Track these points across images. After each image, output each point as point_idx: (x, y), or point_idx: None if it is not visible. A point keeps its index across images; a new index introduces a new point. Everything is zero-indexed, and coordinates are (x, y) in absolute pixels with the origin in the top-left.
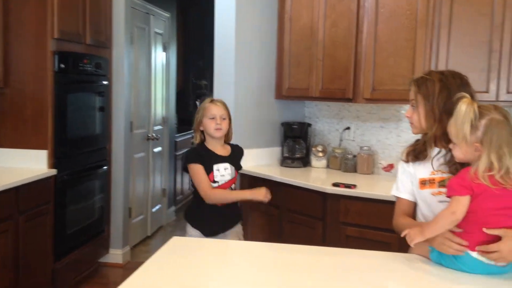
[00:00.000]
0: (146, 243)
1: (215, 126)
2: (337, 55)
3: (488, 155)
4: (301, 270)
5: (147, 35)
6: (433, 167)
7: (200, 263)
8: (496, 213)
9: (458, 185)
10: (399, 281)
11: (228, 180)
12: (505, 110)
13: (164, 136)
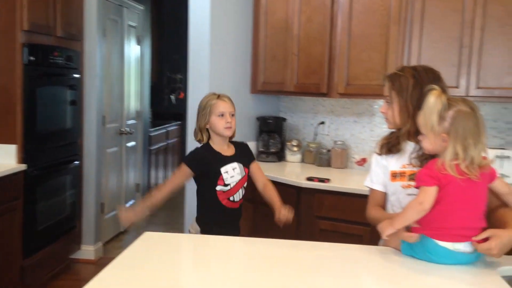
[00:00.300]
0: (119, 239)
1: (225, 124)
2: (312, 50)
3: (454, 145)
4: (275, 264)
5: (120, 28)
6: (411, 162)
7: (172, 258)
8: (462, 203)
9: (426, 176)
10: (372, 273)
11: (239, 180)
12: (473, 103)
13: (138, 130)
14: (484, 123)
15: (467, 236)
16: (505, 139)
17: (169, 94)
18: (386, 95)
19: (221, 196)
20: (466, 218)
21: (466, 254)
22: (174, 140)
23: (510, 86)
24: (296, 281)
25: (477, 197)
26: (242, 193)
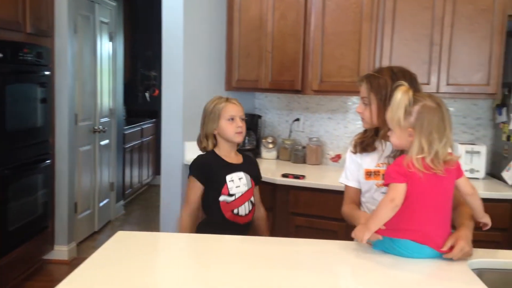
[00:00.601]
0: (93, 239)
1: (235, 129)
2: (286, 47)
3: (420, 140)
4: (251, 261)
5: (92, 24)
6: (388, 161)
7: (146, 257)
8: (429, 199)
9: (395, 172)
10: (345, 268)
11: (246, 191)
12: (439, 98)
13: (112, 128)
14: (450, 119)
15: (432, 239)
16: (474, 134)
17: (143, 92)
18: (363, 96)
19: (224, 207)
20: (431, 220)
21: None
22: (149, 138)
23: (479, 83)
24: (271, 277)
25: (444, 193)
26: (249, 208)
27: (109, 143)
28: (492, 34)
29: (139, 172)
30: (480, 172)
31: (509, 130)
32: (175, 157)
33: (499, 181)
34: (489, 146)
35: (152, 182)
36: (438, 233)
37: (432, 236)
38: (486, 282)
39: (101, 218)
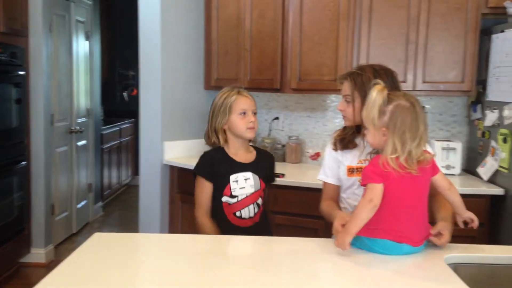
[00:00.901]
0: (71, 241)
1: (247, 124)
2: (264, 45)
3: (393, 139)
4: (231, 260)
5: (68, 23)
6: (370, 158)
7: (123, 259)
8: (405, 198)
9: (372, 172)
10: (324, 266)
11: (251, 193)
12: (414, 98)
13: (89, 128)
14: (425, 118)
15: (409, 237)
16: (450, 131)
17: (121, 91)
18: (346, 94)
19: (226, 209)
20: (408, 219)
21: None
22: (127, 138)
23: (454, 81)
24: (251, 275)
25: (419, 192)
26: (255, 211)
27: (86, 143)
28: (466, 32)
29: (118, 173)
30: (456, 168)
31: (484, 126)
32: (154, 157)
33: (474, 177)
34: (464, 142)
35: (131, 182)
36: (415, 231)
37: (409, 235)
38: (462, 277)
39: (79, 220)
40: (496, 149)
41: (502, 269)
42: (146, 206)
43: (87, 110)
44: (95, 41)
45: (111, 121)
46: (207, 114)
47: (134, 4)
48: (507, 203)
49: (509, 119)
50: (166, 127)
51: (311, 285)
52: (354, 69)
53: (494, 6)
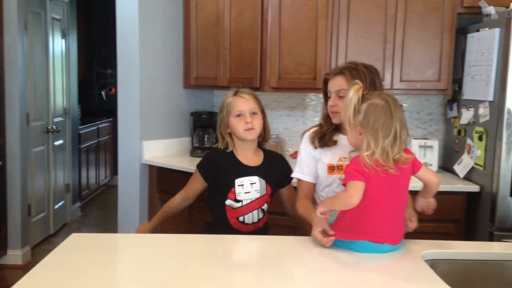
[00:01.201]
0: (49, 242)
1: (244, 125)
2: (243, 44)
3: (367, 137)
4: (210, 260)
5: (44, 21)
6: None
7: (100, 260)
8: (385, 200)
9: (354, 171)
10: (301, 264)
11: (256, 198)
12: (391, 97)
13: (66, 128)
14: (401, 116)
15: (389, 237)
16: (427, 129)
17: (99, 90)
18: (342, 88)
19: (230, 213)
20: (388, 219)
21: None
22: (105, 137)
23: (430, 79)
24: (230, 275)
25: (399, 193)
26: (259, 217)
27: (63, 143)
28: (443, 31)
29: (96, 173)
30: (433, 166)
31: (460, 124)
32: (132, 157)
33: (451, 174)
34: (441, 140)
35: (110, 182)
36: (394, 231)
37: (388, 235)
38: (438, 273)
39: (56, 221)
40: (472, 147)
41: (478, 264)
42: (125, 206)
43: (64, 109)
44: (72, 39)
45: (89, 120)
46: (186, 113)
47: (112, 1)
48: (482, 200)
49: (484, 117)
50: (144, 126)
51: (289, 284)
52: (346, 64)
53: (469, 6)
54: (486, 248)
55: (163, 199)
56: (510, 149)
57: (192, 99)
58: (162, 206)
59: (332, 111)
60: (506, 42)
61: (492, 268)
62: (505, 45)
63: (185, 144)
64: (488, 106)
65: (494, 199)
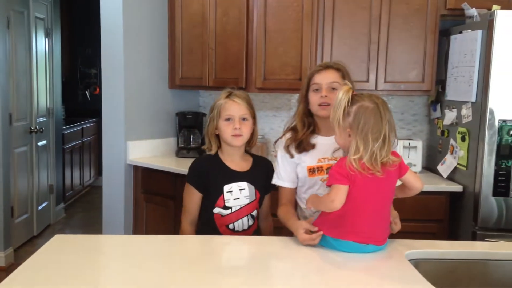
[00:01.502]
0: (32, 244)
1: (231, 131)
2: (229, 44)
3: (356, 140)
4: (195, 261)
5: (27, 20)
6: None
7: (85, 261)
8: (370, 201)
9: (338, 174)
10: (284, 266)
11: (246, 205)
12: (380, 99)
13: (50, 128)
14: (390, 120)
15: (374, 238)
16: (411, 130)
17: (83, 90)
18: (334, 80)
19: (218, 221)
20: (372, 220)
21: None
22: (90, 138)
23: (414, 80)
24: (215, 277)
25: (384, 194)
26: (249, 223)
27: (47, 143)
28: (426, 33)
29: (81, 173)
30: (417, 166)
31: (443, 125)
32: (117, 157)
33: (434, 174)
34: (425, 141)
35: (95, 183)
36: (379, 231)
37: (373, 235)
38: (422, 273)
39: (40, 222)
40: (455, 147)
41: (461, 264)
42: (110, 207)
43: (47, 109)
44: (56, 39)
45: (73, 121)
46: (172, 113)
47: (96, 0)
48: (465, 200)
49: (466, 118)
50: (129, 126)
51: (274, 285)
52: (333, 62)
53: (452, 8)
54: (469, 247)
55: (148, 200)
56: (493, 150)
57: (177, 99)
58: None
59: (323, 102)
60: (488, 44)
61: (475, 267)
62: (487, 46)
63: (170, 144)
64: (471, 107)
65: (477, 199)
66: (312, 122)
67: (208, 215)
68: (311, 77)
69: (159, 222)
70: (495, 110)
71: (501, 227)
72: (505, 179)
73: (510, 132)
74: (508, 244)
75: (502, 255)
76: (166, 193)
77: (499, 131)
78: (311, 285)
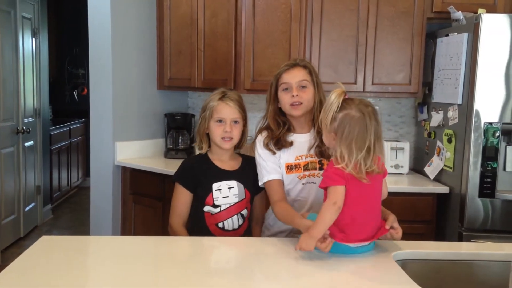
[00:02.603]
0: (19, 245)
1: (222, 133)
2: (217, 45)
3: (340, 147)
4: (184, 262)
5: (13, 20)
6: (314, 152)
7: (72, 262)
8: (362, 203)
9: (334, 174)
10: (273, 266)
11: (235, 203)
12: (369, 107)
13: (37, 129)
14: (376, 129)
15: (365, 240)
16: (398, 131)
17: (71, 90)
18: (303, 79)
19: (208, 220)
20: (364, 223)
21: (364, 246)
22: (77, 138)
23: (401, 82)
24: (203, 278)
25: (373, 197)
26: (239, 222)
27: (34, 144)
28: (413, 35)
29: (68, 174)
30: (404, 167)
31: (430, 127)
32: (105, 158)
33: (421, 176)
34: (412, 142)
35: (82, 184)
36: (369, 233)
37: (363, 238)
38: (409, 273)
39: (27, 223)
40: (442, 149)
41: (447, 264)
42: (98, 208)
43: (34, 110)
44: (43, 39)
45: (60, 121)
46: (160, 114)
47: (84, 0)
48: (452, 201)
49: (453, 120)
50: (117, 127)
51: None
52: (298, 59)
53: (438, 11)
54: (456, 248)
55: (136, 201)
56: (478, 151)
57: (166, 100)
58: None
59: (294, 102)
60: (474, 47)
61: (461, 268)
62: (473, 49)
63: (159, 145)
64: (457, 109)
65: (463, 200)
66: (286, 120)
67: (198, 214)
68: (279, 77)
69: (147, 223)
70: (481, 112)
71: (487, 228)
72: (491, 180)
73: (496, 134)
74: (494, 245)
75: (488, 255)
76: (155, 194)
77: (484, 133)
78: (297, 287)
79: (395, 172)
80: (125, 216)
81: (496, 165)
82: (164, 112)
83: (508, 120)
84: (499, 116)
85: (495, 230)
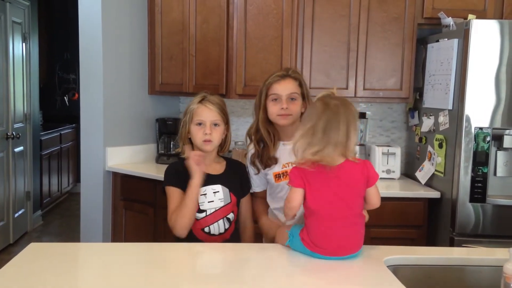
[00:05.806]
0: (8, 252)
1: (202, 136)
2: (209, 50)
3: (300, 132)
4: (173, 269)
5: (3, 25)
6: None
7: (61, 270)
8: (333, 210)
9: (293, 176)
10: (261, 271)
11: (220, 207)
12: (340, 106)
13: (27, 134)
14: (328, 118)
15: (349, 248)
16: (390, 136)
17: (62, 95)
18: (292, 92)
19: (194, 225)
20: (342, 231)
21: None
22: (68, 144)
23: (392, 88)
24: (191, 284)
25: (349, 203)
26: (225, 227)
27: (24, 150)
28: (404, 41)
29: (58, 180)
30: (395, 172)
31: (421, 132)
32: (95, 164)
33: (413, 181)
34: (403, 147)
35: (73, 190)
36: (351, 240)
37: (346, 245)
38: (400, 278)
39: (16, 230)
40: (433, 154)
41: (439, 269)
42: (88, 214)
43: (24, 115)
44: (33, 43)
45: (51, 126)
46: (151, 119)
47: (74, 5)
48: (443, 206)
49: (444, 125)
50: (108, 132)
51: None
52: (290, 69)
53: (429, 17)
54: (447, 253)
55: (127, 207)
56: (469, 156)
57: (157, 105)
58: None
59: (283, 113)
60: (464, 52)
61: (453, 273)
62: (463, 55)
63: (150, 151)
64: (448, 115)
65: (454, 205)
66: (273, 130)
67: None
68: (269, 86)
69: (138, 229)
70: (472, 118)
71: (478, 233)
72: (482, 185)
73: (486, 139)
74: (485, 249)
75: (479, 260)
76: (146, 200)
77: (475, 138)
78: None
79: (387, 177)
80: (115, 222)
81: (486, 170)
82: (156, 117)
83: (498, 125)
84: (489, 121)
85: (486, 235)
